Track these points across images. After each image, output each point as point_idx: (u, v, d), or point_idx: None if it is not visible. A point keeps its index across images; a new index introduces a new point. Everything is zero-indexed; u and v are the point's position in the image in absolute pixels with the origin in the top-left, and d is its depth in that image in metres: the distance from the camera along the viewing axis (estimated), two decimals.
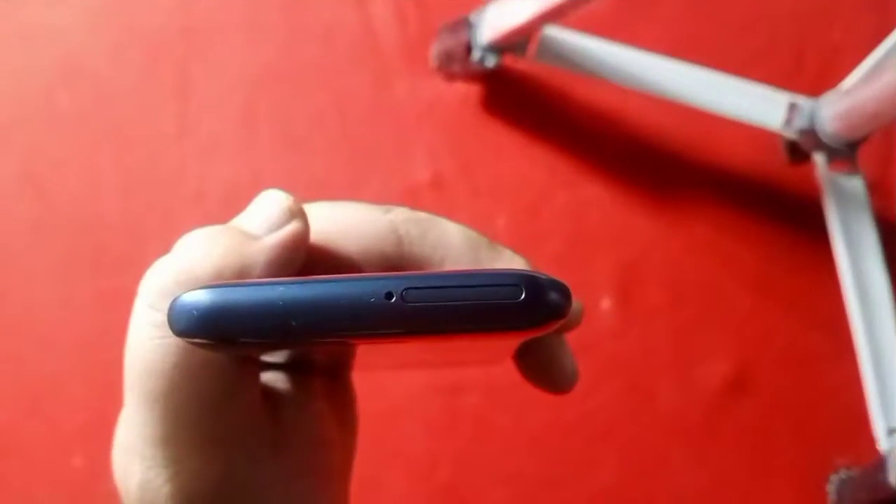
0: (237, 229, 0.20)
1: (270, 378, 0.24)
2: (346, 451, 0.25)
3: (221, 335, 0.16)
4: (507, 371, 0.28)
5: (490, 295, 0.16)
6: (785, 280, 0.70)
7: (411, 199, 0.70)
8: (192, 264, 0.19)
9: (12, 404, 0.65)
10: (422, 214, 0.21)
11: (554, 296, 0.15)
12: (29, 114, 0.70)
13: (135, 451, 0.20)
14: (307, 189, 0.70)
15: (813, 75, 0.73)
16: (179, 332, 0.16)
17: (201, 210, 0.68)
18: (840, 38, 0.74)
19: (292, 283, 0.16)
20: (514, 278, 0.16)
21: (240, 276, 0.19)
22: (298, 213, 0.20)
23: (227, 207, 0.84)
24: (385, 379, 0.63)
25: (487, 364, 0.26)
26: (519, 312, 0.15)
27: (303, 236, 0.20)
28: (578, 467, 0.66)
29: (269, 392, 0.23)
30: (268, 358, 0.23)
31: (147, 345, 0.19)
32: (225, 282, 0.17)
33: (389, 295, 0.16)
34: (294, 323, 0.16)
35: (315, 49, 0.73)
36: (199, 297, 0.16)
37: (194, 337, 0.16)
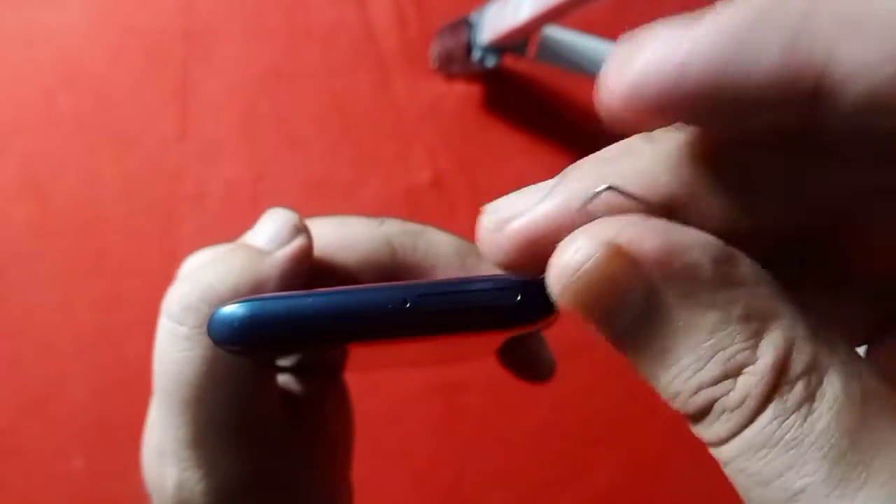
0: (248, 247, 0.22)
1: (283, 380, 0.26)
2: (347, 446, 0.27)
3: (259, 342, 0.18)
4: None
5: (490, 298, 0.18)
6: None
7: (411, 199, 0.70)
8: (213, 282, 0.21)
9: (12, 407, 0.65)
10: (413, 226, 0.24)
11: (545, 297, 0.16)
12: (28, 116, 0.70)
13: (171, 454, 0.21)
14: (308, 190, 0.70)
15: None
16: (220, 341, 0.19)
17: (202, 212, 0.68)
18: None
19: (319, 294, 0.18)
20: (511, 283, 0.18)
21: (256, 288, 0.21)
22: (303, 229, 0.22)
23: (227, 208, 0.84)
24: (384, 380, 0.63)
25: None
26: (516, 312, 0.18)
27: (308, 250, 0.22)
28: (579, 469, 0.66)
29: (284, 393, 0.25)
30: (281, 362, 0.25)
31: (176, 357, 0.21)
32: (256, 296, 0.19)
33: (404, 301, 0.18)
34: (323, 329, 0.18)
35: (315, 50, 0.73)
36: (237, 310, 0.18)
37: (234, 345, 0.19)
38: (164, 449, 0.21)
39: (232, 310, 0.18)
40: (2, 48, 0.71)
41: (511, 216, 0.16)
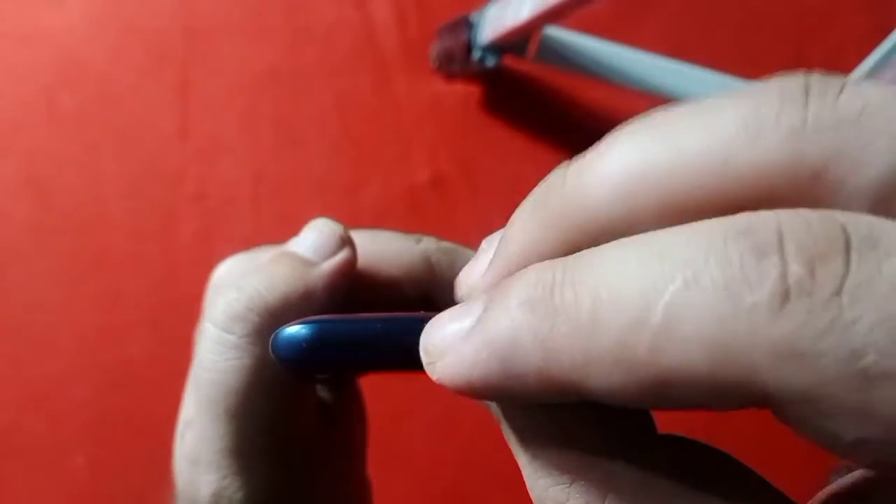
0: (293, 255, 0.22)
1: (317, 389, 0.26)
2: (364, 446, 0.28)
3: (325, 364, 0.18)
4: None
5: None
6: None
7: (411, 198, 0.70)
8: (261, 290, 0.21)
9: (14, 404, 0.65)
10: (448, 244, 0.24)
11: None
12: (29, 115, 0.70)
13: (209, 462, 0.21)
14: (307, 190, 0.70)
15: None
16: (286, 360, 0.18)
17: (202, 211, 0.68)
18: (840, 38, 0.74)
19: (387, 319, 0.18)
20: None
21: (304, 300, 0.21)
22: (348, 241, 0.22)
23: (227, 208, 0.83)
24: (385, 381, 0.63)
25: None
26: None
27: (353, 263, 0.22)
28: None
29: (319, 402, 0.25)
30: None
31: (223, 365, 0.20)
32: (322, 317, 0.19)
33: None
34: (389, 355, 0.18)
35: (315, 49, 0.73)
36: (305, 331, 0.18)
37: (299, 365, 0.18)
38: (201, 456, 0.21)
39: (298, 330, 0.18)
40: (2, 46, 0.71)
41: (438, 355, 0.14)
